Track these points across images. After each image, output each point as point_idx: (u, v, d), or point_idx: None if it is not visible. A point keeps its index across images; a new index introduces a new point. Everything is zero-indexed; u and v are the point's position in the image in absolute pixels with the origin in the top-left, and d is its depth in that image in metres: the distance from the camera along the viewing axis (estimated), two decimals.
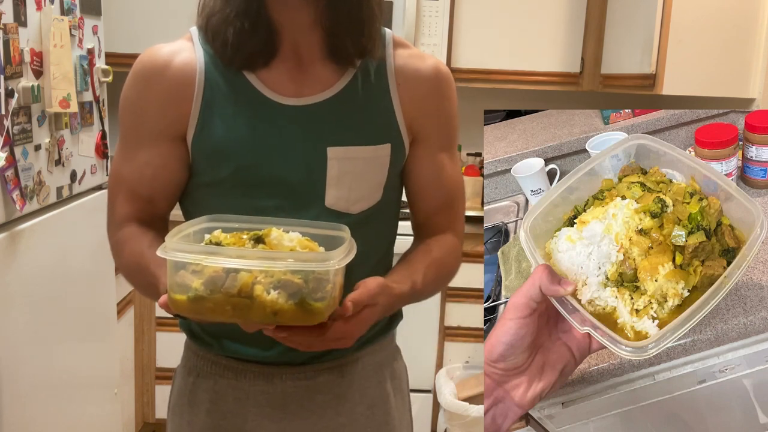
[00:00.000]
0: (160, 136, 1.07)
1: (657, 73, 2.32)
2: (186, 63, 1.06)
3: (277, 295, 0.85)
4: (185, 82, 1.05)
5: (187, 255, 0.86)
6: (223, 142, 1.05)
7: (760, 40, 2.33)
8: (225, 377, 1.14)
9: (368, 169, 1.08)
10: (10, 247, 1.64)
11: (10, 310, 1.65)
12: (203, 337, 1.15)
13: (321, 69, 1.07)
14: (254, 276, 0.85)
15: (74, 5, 1.96)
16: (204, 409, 1.15)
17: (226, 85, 1.06)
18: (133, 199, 1.10)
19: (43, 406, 1.81)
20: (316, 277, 0.87)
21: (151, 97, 1.06)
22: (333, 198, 1.07)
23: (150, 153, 1.07)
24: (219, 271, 0.85)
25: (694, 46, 2.30)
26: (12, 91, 1.62)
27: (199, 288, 0.85)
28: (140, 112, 1.07)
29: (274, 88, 1.06)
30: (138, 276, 1.07)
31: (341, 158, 1.06)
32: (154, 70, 1.06)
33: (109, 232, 1.13)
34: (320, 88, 1.07)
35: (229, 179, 1.06)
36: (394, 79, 1.09)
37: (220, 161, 1.05)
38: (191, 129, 1.06)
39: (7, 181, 1.60)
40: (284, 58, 1.06)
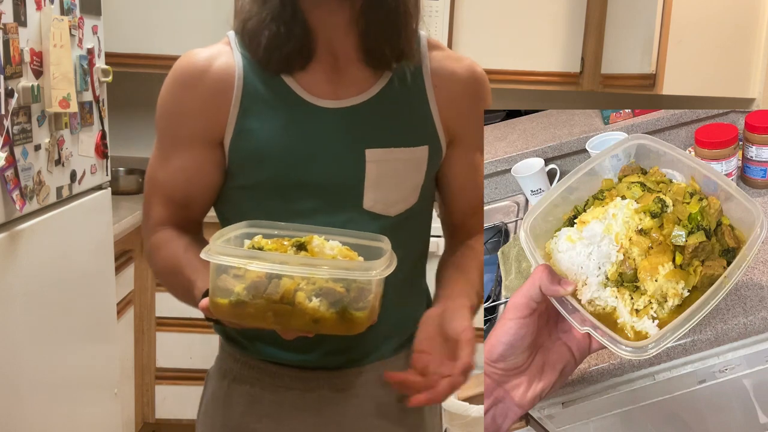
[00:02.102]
0: (197, 140, 1.07)
1: (657, 73, 2.32)
2: (224, 67, 1.06)
3: (318, 303, 0.85)
4: (223, 87, 1.05)
5: (231, 259, 0.86)
6: (261, 146, 1.05)
7: (760, 40, 2.33)
8: (261, 380, 1.13)
9: (406, 171, 1.08)
10: (10, 247, 1.64)
11: (11, 310, 1.64)
12: (239, 340, 1.15)
13: (357, 71, 1.07)
14: (297, 283, 0.85)
15: (74, 5, 1.96)
16: (239, 412, 1.14)
17: (264, 88, 1.06)
18: (168, 203, 1.10)
19: (43, 406, 1.81)
20: (358, 286, 0.87)
21: (189, 101, 1.06)
22: (371, 200, 1.07)
23: (186, 158, 1.07)
24: (262, 276, 0.85)
25: (694, 46, 2.30)
26: (12, 91, 1.62)
27: (241, 293, 0.85)
28: (177, 117, 1.08)
29: (312, 91, 1.06)
30: (173, 280, 1.07)
31: (380, 160, 1.06)
32: (192, 75, 1.06)
33: (144, 236, 1.14)
34: (357, 90, 1.07)
35: (267, 182, 1.06)
36: (430, 80, 1.09)
37: (257, 165, 1.05)
38: (228, 133, 1.05)
39: (7, 181, 1.60)
40: (321, 60, 1.06)
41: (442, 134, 1.10)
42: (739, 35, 2.32)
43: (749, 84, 2.36)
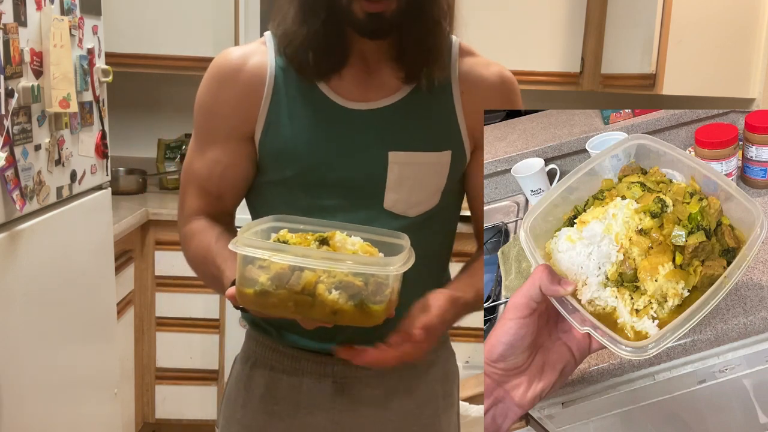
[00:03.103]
0: (231, 135, 1.11)
1: (657, 73, 2.32)
2: (258, 66, 1.11)
3: (338, 295, 0.89)
4: (256, 85, 1.10)
5: (257, 251, 0.90)
6: (288, 144, 1.09)
7: (760, 40, 2.33)
8: (281, 364, 1.17)
9: (428, 175, 1.11)
10: (10, 247, 1.64)
11: (10, 310, 1.65)
12: (264, 326, 1.19)
13: (387, 75, 1.10)
14: (318, 275, 0.89)
15: (74, 5, 1.96)
16: (258, 394, 1.18)
17: (295, 89, 1.10)
18: (202, 193, 1.15)
19: (43, 406, 1.81)
20: (376, 280, 0.91)
21: (224, 98, 1.11)
22: (392, 201, 1.10)
23: (220, 151, 1.12)
24: (285, 268, 0.89)
25: (694, 46, 2.30)
26: (12, 91, 1.62)
27: (265, 283, 0.90)
28: (213, 112, 1.12)
29: (341, 93, 1.09)
30: (203, 267, 1.11)
31: (402, 163, 1.09)
32: (227, 72, 1.11)
33: (179, 224, 1.19)
34: (385, 93, 1.10)
35: (294, 179, 1.10)
36: (458, 86, 1.12)
37: (285, 161, 1.09)
38: (258, 129, 1.10)
39: (7, 181, 1.60)
40: (352, 64, 1.10)
41: (467, 140, 1.12)
42: (739, 35, 2.32)
43: (749, 84, 2.36)
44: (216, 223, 1.14)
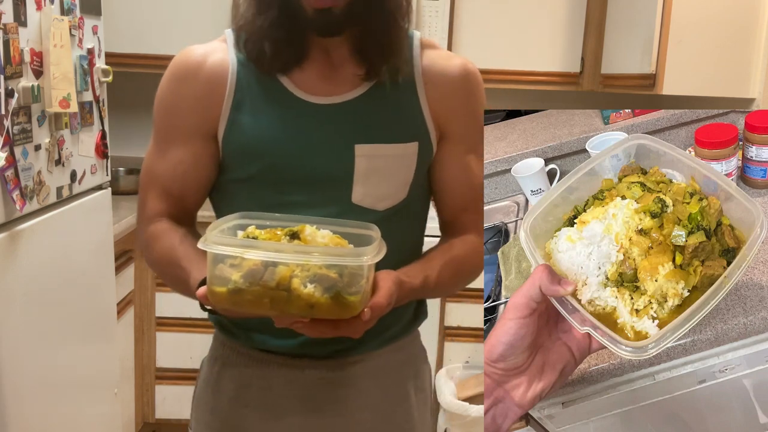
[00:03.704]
0: (192, 134, 1.10)
1: (657, 73, 2.32)
2: (219, 63, 1.09)
3: (313, 289, 0.88)
4: (217, 82, 1.08)
5: (228, 248, 0.88)
6: (252, 140, 1.07)
7: (760, 40, 2.33)
8: (250, 367, 1.15)
9: (395, 167, 1.10)
10: (10, 247, 1.64)
11: (10, 310, 1.65)
12: (231, 329, 1.18)
13: (350, 70, 1.09)
14: (292, 269, 0.88)
15: (74, 5, 1.96)
16: (227, 397, 1.16)
17: (258, 84, 1.09)
18: (164, 195, 1.12)
19: (43, 405, 1.81)
20: (350, 271, 0.90)
21: (184, 96, 1.09)
22: (360, 194, 1.09)
23: (182, 151, 1.10)
24: (258, 264, 0.88)
25: (694, 46, 2.30)
26: (12, 91, 1.62)
27: (238, 280, 0.88)
28: (173, 111, 1.11)
29: (304, 88, 1.09)
30: (168, 270, 1.09)
31: (369, 156, 1.08)
32: (187, 70, 1.10)
33: (139, 227, 1.16)
34: (349, 87, 1.09)
35: (259, 176, 1.08)
36: (421, 78, 1.11)
37: (249, 158, 1.08)
38: (221, 127, 1.09)
39: (7, 181, 1.60)
40: (314, 58, 1.09)
41: (433, 131, 1.12)
42: (739, 35, 2.32)
43: (749, 84, 2.36)
44: (178, 225, 1.12)
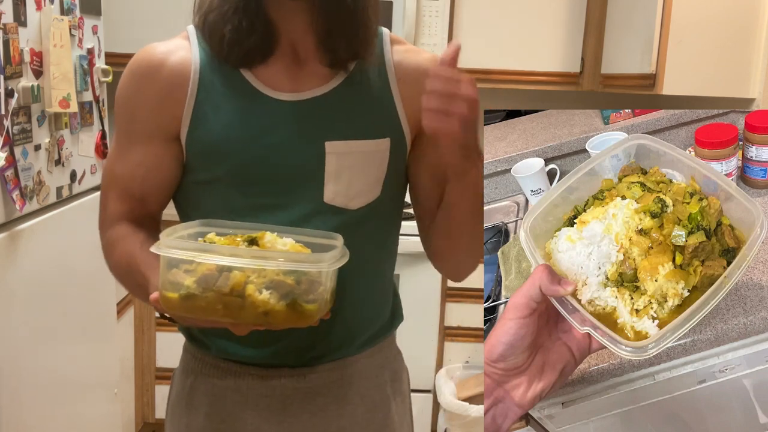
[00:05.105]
0: (154, 135, 1.06)
1: (657, 73, 2.32)
2: (180, 62, 1.05)
3: (269, 295, 0.85)
4: (179, 82, 1.04)
5: (181, 252, 0.86)
6: (217, 140, 1.04)
7: (760, 40, 2.33)
8: (223, 379, 1.12)
9: (367, 164, 1.07)
10: (10, 247, 1.64)
11: (10, 310, 1.65)
12: (201, 339, 1.14)
13: (317, 66, 1.06)
14: (247, 275, 0.85)
15: (74, 5, 1.96)
16: (203, 412, 1.13)
17: (222, 82, 1.05)
18: (125, 198, 1.09)
19: (43, 405, 1.81)
20: (308, 278, 0.87)
21: (145, 96, 1.05)
22: (332, 193, 1.05)
23: (143, 152, 1.07)
24: (212, 269, 0.85)
25: (694, 46, 2.30)
26: (12, 91, 1.62)
27: (191, 286, 0.85)
28: (134, 111, 1.07)
29: (271, 84, 1.05)
30: (128, 276, 1.06)
31: (340, 153, 1.04)
32: (148, 69, 1.05)
33: (100, 230, 1.13)
34: (317, 83, 1.06)
35: (225, 177, 1.05)
36: (393, 74, 1.09)
37: (215, 159, 1.04)
38: (185, 127, 1.05)
39: (7, 181, 1.60)
40: (281, 54, 1.06)
41: (407, 127, 1.09)
42: (739, 35, 2.32)
43: (749, 84, 2.36)
44: (140, 229, 1.08)
